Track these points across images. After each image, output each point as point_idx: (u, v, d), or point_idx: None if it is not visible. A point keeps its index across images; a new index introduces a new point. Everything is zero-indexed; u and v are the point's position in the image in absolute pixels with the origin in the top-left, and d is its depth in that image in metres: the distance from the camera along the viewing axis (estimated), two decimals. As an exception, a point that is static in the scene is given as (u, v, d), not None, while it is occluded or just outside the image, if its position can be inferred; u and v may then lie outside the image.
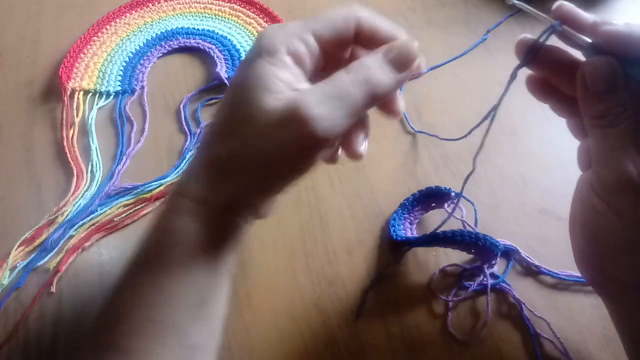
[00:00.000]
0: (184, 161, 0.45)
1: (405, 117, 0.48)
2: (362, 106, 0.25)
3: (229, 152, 0.26)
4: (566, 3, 0.28)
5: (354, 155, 0.29)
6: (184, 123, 0.48)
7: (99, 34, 0.54)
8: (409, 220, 0.42)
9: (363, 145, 0.29)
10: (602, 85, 0.25)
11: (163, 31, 0.55)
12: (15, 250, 0.40)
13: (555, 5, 0.28)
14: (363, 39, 0.28)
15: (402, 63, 0.26)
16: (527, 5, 0.28)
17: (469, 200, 0.42)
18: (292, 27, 0.27)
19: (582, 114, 0.27)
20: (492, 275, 0.39)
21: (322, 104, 0.24)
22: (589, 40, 0.26)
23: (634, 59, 0.25)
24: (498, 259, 0.39)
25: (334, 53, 0.28)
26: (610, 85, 0.25)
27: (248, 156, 0.25)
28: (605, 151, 0.26)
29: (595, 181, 0.27)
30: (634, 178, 0.25)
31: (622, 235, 0.27)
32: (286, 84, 0.25)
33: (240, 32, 0.55)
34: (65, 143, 0.46)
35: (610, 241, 0.27)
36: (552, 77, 0.30)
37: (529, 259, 0.40)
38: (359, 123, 0.29)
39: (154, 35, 0.54)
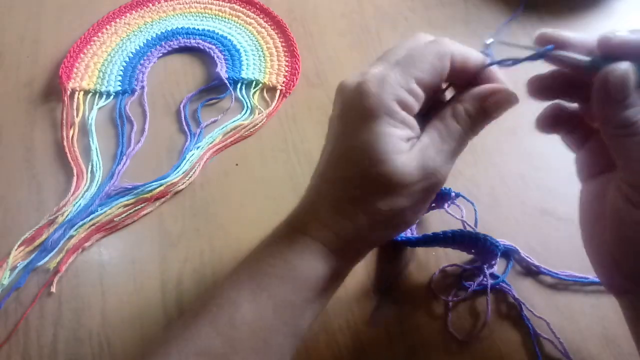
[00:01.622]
0: (184, 161, 0.45)
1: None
2: (466, 141, 0.28)
3: (384, 209, 0.27)
4: (549, 30, 0.27)
5: None
6: (184, 123, 0.48)
7: (99, 34, 0.54)
8: (409, 221, 0.42)
9: None
10: (626, 92, 0.25)
11: (163, 31, 0.55)
12: (16, 250, 0.40)
13: (537, 34, 0.27)
14: (454, 72, 0.28)
15: (497, 108, 0.28)
16: (510, 42, 0.29)
17: (469, 201, 0.42)
18: (396, 78, 0.26)
19: (602, 125, 0.26)
20: (492, 276, 0.39)
21: (448, 162, 0.28)
22: (586, 58, 0.26)
23: None
24: (498, 259, 0.38)
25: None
26: (631, 91, 0.25)
27: (400, 210, 0.27)
28: (635, 161, 0.25)
29: (629, 191, 0.26)
30: None
31: None
32: (403, 139, 0.27)
33: (240, 32, 0.55)
34: (65, 143, 0.46)
35: None
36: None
37: (528, 259, 0.40)
38: None
39: (154, 35, 0.54)
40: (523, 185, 0.44)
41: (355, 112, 0.27)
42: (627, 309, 0.29)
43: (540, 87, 0.30)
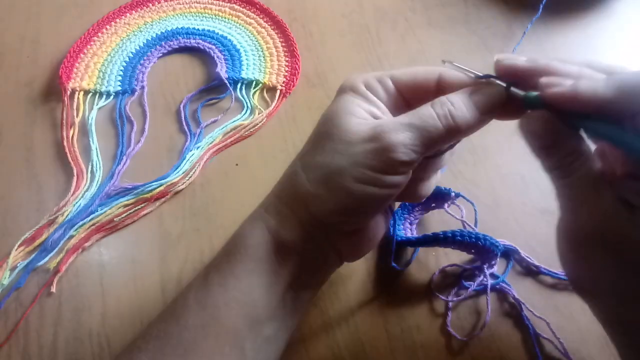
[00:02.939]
0: (184, 161, 0.45)
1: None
2: (440, 139, 0.26)
3: (308, 166, 0.28)
4: (503, 58, 0.27)
5: (415, 196, 0.31)
6: (184, 123, 0.48)
7: (99, 34, 0.54)
8: (409, 221, 0.42)
9: (427, 187, 0.32)
10: (542, 142, 0.25)
11: (163, 31, 0.55)
12: (16, 250, 0.40)
13: (495, 60, 0.27)
14: (448, 90, 0.28)
15: (486, 106, 0.27)
16: (463, 67, 0.28)
17: (469, 201, 0.42)
18: (373, 72, 0.29)
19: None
20: (492, 276, 0.39)
21: (404, 132, 0.26)
22: (522, 94, 0.26)
23: (576, 113, 0.24)
24: (498, 259, 0.39)
25: (416, 99, 0.29)
26: (550, 141, 0.25)
27: (324, 168, 0.27)
28: (565, 202, 0.26)
29: (567, 232, 0.26)
30: (593, 231, 0.24)
31: (597, 285, 0.26)
32: (368, 113, 0.28)
33: (240, 32, 0.55)
34: (65, 143, 0.46)
35: (592, 289, 0.26)
36: None
37: (528, 259, 0.40)
38: (433, 163, 0.30)
39: (154, 35, 0.54)
40: (523, 185, 0.44)
41: (336, 95, 0.29)
42: (613, 335, 0.29)
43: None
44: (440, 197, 0.41)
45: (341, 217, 0.28)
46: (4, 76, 0.52)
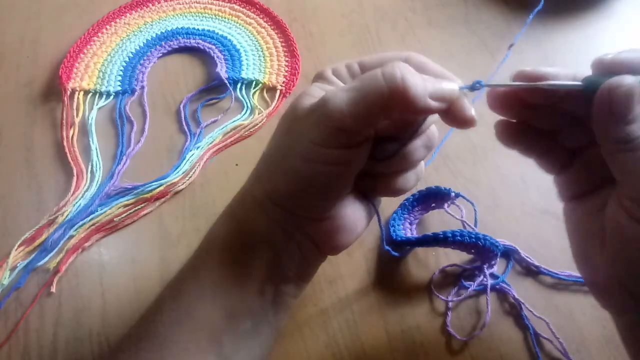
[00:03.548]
0: (184, 161, 0.45)
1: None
2: (385, 105, 0.24)
3: (269, 150, 0.28)
4: (527, 69, 0.27)
5: (391, 190, 0.30)
6: (184, 123, 0.48)
7: (99, 34, 0.54)
8: (409, 221, 0.42)
9: (404, 181, 0.30)
10: (630, 107, 0.24)
11: (163, 31, 0.55)
12: (16, 250, 0.40)
13: (516, 73, 0.27)
14: None
15: (439, 96, 0.25)
16: (497, 83, 0.28)
17: (468, 201, 0.42)
18: (345, 62, 0.29)
19: (602, 141, 0.25)
20: (492, 276, 0.39)
21: (343, 95, 0.24)
22: (577, 83, 0.25)
23: None
24: (498, 259, 0.39)
25: None
26: (635, 106, 0.24)
27: (279, 149, 0.27)
28: (632, 174, 0.24)
29: (633, 208, 0.25)
30: None
31: None
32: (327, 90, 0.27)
33: (240, 32, 0.55)
34: (65, 143, 0.46)
35: None
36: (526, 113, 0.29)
37: (528, 259, 0.40)
38: (407, 155, 0.29)
39: (154, 35, 0.54)
40: (523, 185, 0.44)
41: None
42: (625, 329, 0.28)
43: (508, 134, 0.30)
44: (440, 197, 0.42)
45: (296, 200, 0.27)
46: (4, 76, 0.52)
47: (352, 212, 0.29)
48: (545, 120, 0.29)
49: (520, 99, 0.28)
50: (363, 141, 0.26)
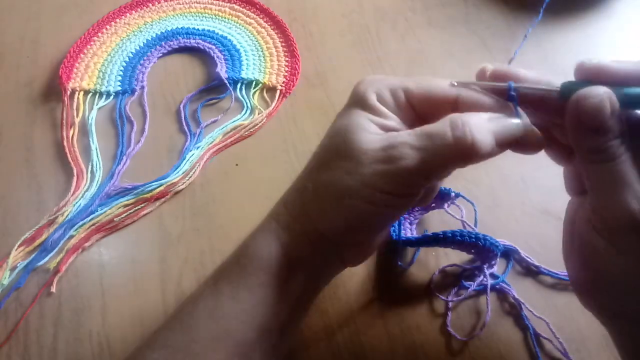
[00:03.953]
0: (184, 161, 0.45)
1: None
2: (453, 159, 0.25)
3: (317, 183, 0.27)
4: (502, 66, 0.27)
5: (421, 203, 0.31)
6: (184, 123, 0.48)
7: (99, 34, 0.54)
8: (409, 221, 0.42)
9: (433, 194, 0.31)
10: (600, 120, 0.23)
11: (163, 31, 0.55)
12: (16, 250, 0.40)
13: (490, 71, 0.27)
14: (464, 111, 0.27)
15: (504, 134, 0.25)
16: (473, 82, 0.27)
17: (469, 201, 0.42)
18: (387, 80, 0.28)
19: (575, 148, 0.25)
20: (492, 276, 0.39)
21: (415, 156, 0.25)
22: (556, 87, 0.25)
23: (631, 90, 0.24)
24: (498, 259, 0.39)
25: (429, 113, 0.28)
26: (607, 119, 0.23)
27: (333, 187, 0.26)
28: (605, 188, 0.24)
29: (595, 219, 0.25)
30: (638, 217, 0.23)
31: (626, 275, 0.25)
32: (380, 127, 0.27)
33: (240, 32, 0.55)
34: (65, 143, 0.46)
35: (612, 279, 0.26)
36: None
37: (528, 259, 0.40)
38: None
39: (154, 35, 0.54)
40: (523, 185, 0.44)
41: (347, 103, 0.29)
42: (614, 334, 0.29)
43: None
44: (440, 197, 0.41)
45: (350, 235, 0.28)
46: (4, 76, 0.52)
47: (381, 235, 0.30)
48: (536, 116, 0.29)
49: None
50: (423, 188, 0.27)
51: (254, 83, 0.51)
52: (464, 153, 0.25)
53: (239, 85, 0.51)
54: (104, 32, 0.54)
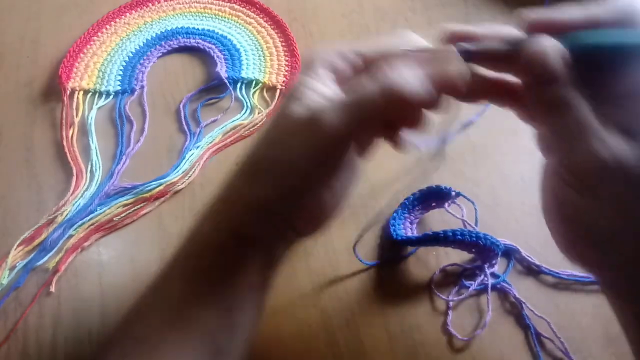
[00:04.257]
0: (184, 161, 0.45)
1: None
2: (378, 106, 0.24)
3: (260, 156, 0.27)
4: (455, 26, 0.26)
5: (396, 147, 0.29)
6: (183, 123, 0.48)
7: (99, 34, 0.54)
8: (409, 220, 0.42)
9: (405, 140, 0.29)
10: (546, 68, 0.23)
11: (163, 31, 0.55)
12: (15, 249, 0.40)
13: (442, 31, 0.27)
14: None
15: (440, 78, 0.25)
16: (423, 48, 0.27)
17: (469, 200, 0.42)
18: (335, 45, 0.27)
19: (532, 103, 0.25)
20: (493, 275, 0.39)
21: (337, 110, 0.24)
22: (503, 46, 0.25)
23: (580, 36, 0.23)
24: (499, 258, 0.38)
25: None
26: (558, 67, 0.23)
27: (275, 158, 0.26)
28: (568, 138, 0.24)
29: (565, 174, 0.25)
30: (608, 161, 0.23)
31: (603, 223, 0.25)
32: (319, 94, 0.26)
33: (240, 32, 0.55)
34: (65, 143, 0.46)
35: (590, 229, 0.25)
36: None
37: (529, 259, 0.39)
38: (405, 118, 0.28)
39: (154, 35, 0.54)
40: (523, 185, 0.44)
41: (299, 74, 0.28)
42: (603, 287, 0.28)
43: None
44: (441, 196, 0.41)
45: (294, 205, 0.28)
46: (4, 76, 0.52)
47: (332, 199, 0.30)
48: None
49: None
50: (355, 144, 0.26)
51: (254, 82, 0.51)
52: (391, 101, 0.24)
53: (238, 85, 0.51)
54: (104, 31, 0.54)
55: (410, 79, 0.24)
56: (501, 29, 0.26)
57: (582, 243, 0.27)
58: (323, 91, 0.26)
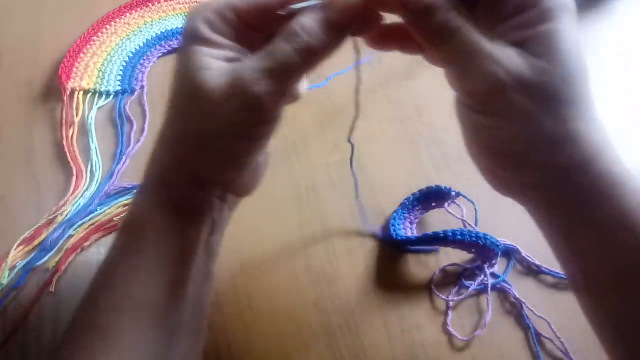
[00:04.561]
0: (184, 161, 0.45)
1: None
2: (298, 63, 0.25)
3: (187, 130, 0.27)
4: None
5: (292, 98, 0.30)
6: (183, 123, 0.48)
7: (99, 34, 0.54)
8: (409, 220, 0.42)
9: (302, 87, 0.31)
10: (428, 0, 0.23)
11: (163, 31, 0.55)
12: (15, 249, 0.40)
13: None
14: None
15: (342, 20, 0.26)
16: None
17: (469, 200, 0.42)
18: (212, 5, 0.27)
19: (417, 38, 0.25)
20: (493, 275, 0.39)
21: (263, 80, 0.24)
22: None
23: None
24: (498, 258, 0.38)
25: (263, 24, 0.27)
26: None
27: (205, 132, 0.26)
28: (462, 63, 0.24)
29: (467, 99, 0.26)
30: (503, 77, 0.23)
31: (511, 139, 0.25)
32: (221, 59, 0.26)
33: (240, 32, 0.55)
34: (64, 143, 0.46)
35: (503, 149, 0.26)
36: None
37: (529, 259, 0.39)
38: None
39: (154, 35, 0.54)
40: (523, 185, 0.44)
41: (182, 41, 0.27)
42: (531, 211, 0.29)
43: (377, 39, 0.30)
44: (441, 196, 0.41)
45: (232, 171, 0.28)
46: (3, 76, 0.52)
47: (262, 159, 0.31)
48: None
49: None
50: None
51: (253, 83, 0.51)
52: (309, 58, 0.25)
53: (238, 85, 0.51)
54: (104, 31, 0.54)
55: (313, 27, 0.25)
56: None
57: (499, 167, 0.27)
58: (226, 56, 0.26)
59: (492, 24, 0.24)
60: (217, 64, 0.25)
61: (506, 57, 0.23)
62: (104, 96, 0.50)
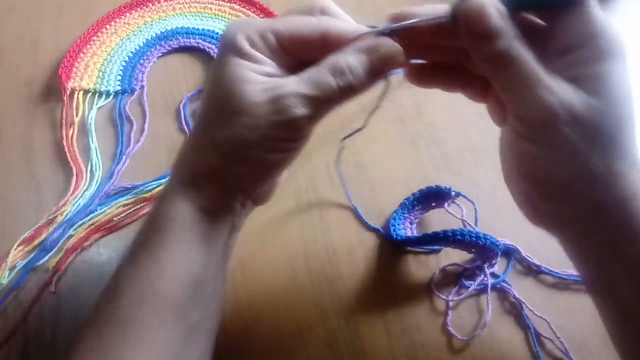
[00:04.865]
0: (184, 161, 0.45)
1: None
2: (338, 97, 0.27)
3: (223, 139, 0.27)
4: (401, 10, 0.28)
5: None
6: (183, 123, 0.48)
7: (99, 34, 0.54)
8: (409, 220, 0.42)
9: None
10: (485, 23, 0.24)
11: (163, 31, 0.55)
12: (15, 249, 0.40)
13: (391, 14, 0.29)
14: (332, 44, 0.28)
15: (383, 64, 0.27)
16: (367, 30, 0.29)
17: (469, 200, 0.42)
18: (255, 23, 0.28)
19: (477, 62, 0.26)
20: (493, 275, 0.39)
21: (304, 105, 0.26)
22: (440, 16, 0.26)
23: None
24: (498, 258, 0.38)
25: (301, 52, 0.28)
26: (497, 21, 0.24)
27: (241, 142, 0.27)
28: (517, 90, 0.25)
29: (519, 126, 0.26)
30: (558, 109, 0.24)
31: (557, 168, 0.26)
32: (261, 74, 0.27)
33: (240, 31, 0.55)
34: (64, 143, 0.46)
35: (548, 178, 0.26)
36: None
37: (529, 259, 0.39)
38: None
39: (154, 35, 0.54)
40: (523, 185, 0.44)
41: (219, 52, 0.28)
42: (564, 244, 0.29)
43: (420, 74, 0.31)
44: (441, 196, 0.41)
45: (259, 182, 0.29)
46: (4, 76, 0.52)
47: (284, 170, 0.31)
48: (446, 55, 0.30)
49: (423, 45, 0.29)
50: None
51: (253, 83, 0.51)
52: (348, 95, 0.27)
53: (238, 85, 0.51)
54: (104, 31, 0.54)
55: (358, 69, 0.26)
56: (435, 6, 0.27)
57: (539, 196, 0.28)
58: (266, 72, 0.27)
59: (547, 59, 0.25)
60: (257, 78, 0.27)
61: (562, 91, 0.24)
62: (104, 96, 0.50)
